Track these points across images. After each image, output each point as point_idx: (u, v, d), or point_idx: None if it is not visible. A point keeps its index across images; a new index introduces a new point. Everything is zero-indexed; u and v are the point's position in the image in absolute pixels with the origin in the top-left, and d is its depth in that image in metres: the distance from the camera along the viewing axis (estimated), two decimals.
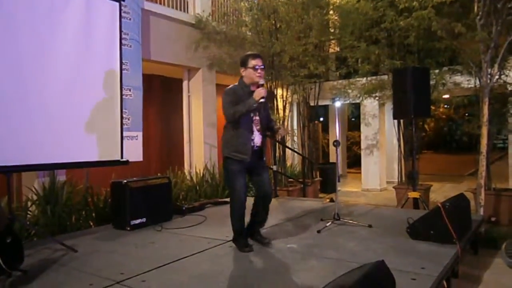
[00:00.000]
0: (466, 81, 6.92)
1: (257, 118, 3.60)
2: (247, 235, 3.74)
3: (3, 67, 3.72)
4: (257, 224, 3.83)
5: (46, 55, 4.07)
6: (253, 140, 3.57)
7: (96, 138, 4.52)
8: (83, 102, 4.41)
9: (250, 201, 3.72)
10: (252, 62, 3.54)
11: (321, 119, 14.56)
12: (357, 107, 14.19)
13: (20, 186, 5.08)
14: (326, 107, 13.08)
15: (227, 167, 3.62)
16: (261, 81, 3.54)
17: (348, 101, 9.31)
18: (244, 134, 3.53)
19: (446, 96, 8.71)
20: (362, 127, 10.41)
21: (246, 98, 3.48)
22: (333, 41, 9.45)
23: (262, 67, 3.55)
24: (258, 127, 3.61)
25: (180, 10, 7.45)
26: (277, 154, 8.02)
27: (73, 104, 4.29)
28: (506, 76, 6.44)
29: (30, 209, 4.69)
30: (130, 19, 5.68)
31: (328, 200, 6.11)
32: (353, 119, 19.12)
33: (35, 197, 4.75)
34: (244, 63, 3.59)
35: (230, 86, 3.64)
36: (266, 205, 3.75)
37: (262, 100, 3.42)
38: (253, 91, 3.52)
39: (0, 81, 3.69)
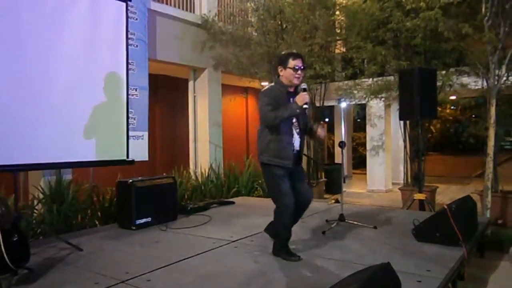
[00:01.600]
0: (473, 83, 6.87)
1: (296, 120, 3.41)
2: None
3: (8, 67, 3.74)
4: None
5: (52, 54, 4.10)
6: (293, 144, 3.38)
7: (102, 138, 4.54)
8: (90, 102, 4.43)
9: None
10: (292, 63, 3.31)
11: (327, 119, 14.51)
12: (363, 108, 14.14)
13: (26, 185, 5.11)
14: (331, 107, 13.03)
15: (269, 173, 3.37)
16: (303, 85, 3.33)
17: (354, 102, 9.27)
18: (285, 138, 3.32)
19: (453, 97, 8.65)
20: (368, 128, 10.37)
21: (283, 99, 3.32)
22: (339, 42, 9.43)
23: (303, 68, 3.35)
24: (297, 130, 3.42)
25: (187, 10, 7.46)
26: None
27: (79, 103, 4.31)
28: None
29: (36, 207, 4.71)
30: (136, 19, 5.70)
31: (333, 201, 6.09)
32: (358, 120, 19.06)
33: (41, 196, 4.77)
34: (283, 63, 3.36)
35: (267, 86, 3.46)
36: (301, 213, 3.56)
37: (305, 106, 3.22)
38: (290, 92, 3.38)
39: (7, 81, 3.72)
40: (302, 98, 3.22)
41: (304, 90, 3.30)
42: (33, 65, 3.92)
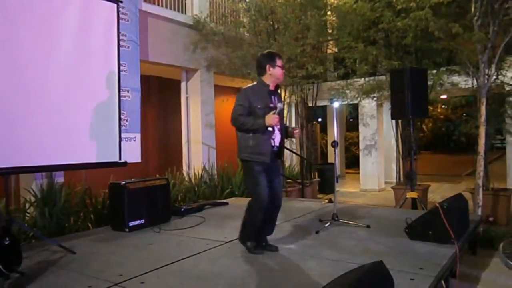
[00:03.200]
0: (464, 82, 6.94)
1: (277, 116, 3.42)
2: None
3: (1, 69, 3.71)
4: (265, 231, 3.65)
5: (45, 56, 4.07)
6: (273, 139, 3.50)
7: (94, 140, 4.51)
8: (81, 104, 4.41)
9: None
10: (279, 62, 3.53)
11: (319, 119, 14.57)
12: (355, 107, 14.21)
13: (18, 188, 5.07)
14: (324, 107, 13.07)
15: (248, 168, 3.49)
16: (280, 105, 3.49)
17: (346, 102, 9.32)
18: (264, 135, 3.42)
19: (444, 96, 8.72)
20: (360, 128, 10.42)
21: (264, 98, 3.47)
22: (331, 42, 9.46)
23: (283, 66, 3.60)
24: (278, 127, 3.51)
25: (178, 11, 7.45)
26: None
27: (71, 105, 4.29)
28: (503, 76, 6.46)
29: (28, 211, 4.68)
30: (128, 20, 5.68)
31: (326, 200, 6.11)
32: (351, 120, 19.14)
33: (33, 199, 4.73)
34: (272, 61, 3.50)
35: (249, 85, 3.60)
36: (274, 212, 3.61)
37: (270, 129, 3.38)
38: (271, 90, 3.55)
39: None
40: (271, 122, 3.34)
41: (278, 110, 3.43)
42: (24, 69, 3.90)
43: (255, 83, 3.63)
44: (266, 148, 3.44)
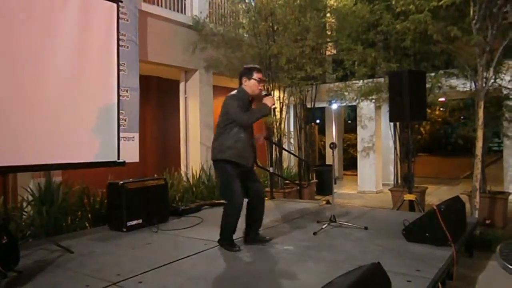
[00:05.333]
0: (462, 85, 6.96)
1: (272, 96, 3.81)
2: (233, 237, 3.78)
3: (0, 69, 3.71)
4: (255, 226, 3.88)
5: (44, 56, 4.07)
6: (254, 145, 3.79)
7: (92, 139, 4.52)
8: (80, 103, 4.41)
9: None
10: (257, 75, 3.73)
11: (318, 121, 14.59)
12: (353, 109, 14.23)
13: (15, 186, 5.05)
14: (322, 109, 13.10)
15: (226, 170, 3.64)
16: (264, 92, 3.76)
17: (344, 104, 9.33)
18: (248, 140, 3.68)
19: (442, 99, 8.74)
20: (359, 130, 10.44)
21: (247, 105, 3.69)
22: (330, 44, 9.48)
23: (264, 80, 3.84)
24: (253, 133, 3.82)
25: (177, 11, 7.45)
26: (274, 156, 8.03)
27: (70, 104, 4.29)
28: (501, 80, 6.48)
29: (26, 209, 4.66)
30: (127, 20, 5.68)
31: (324, 202, 6.12)
32: (349, 122, 19.18)
33: (30, 198, 4.72)
34: (248, 74, 3.74)
35: (234, 92, 3.76)
36: (260, 205, 3.81)
37: (274, 106, 3.68)
38: (251, 100, 3.75)
39: None
40: (272, 101, 3.65)
41: (269, 94, 3.78)
42: (23, 68, 3.90)
43: (237, 91, 3.77)
44: (250, 152, 3.69)
